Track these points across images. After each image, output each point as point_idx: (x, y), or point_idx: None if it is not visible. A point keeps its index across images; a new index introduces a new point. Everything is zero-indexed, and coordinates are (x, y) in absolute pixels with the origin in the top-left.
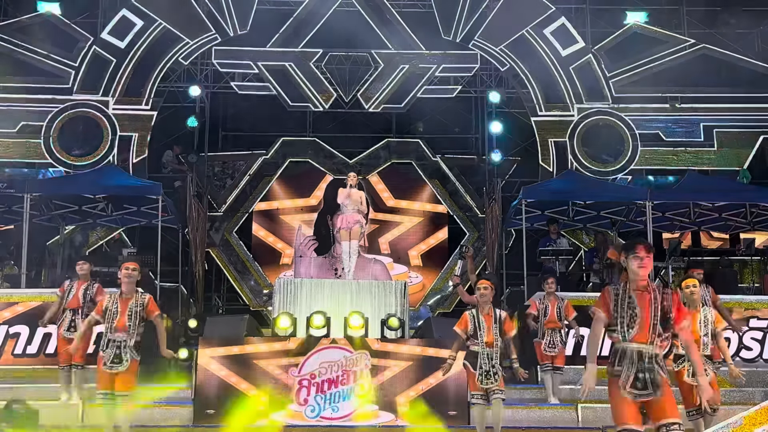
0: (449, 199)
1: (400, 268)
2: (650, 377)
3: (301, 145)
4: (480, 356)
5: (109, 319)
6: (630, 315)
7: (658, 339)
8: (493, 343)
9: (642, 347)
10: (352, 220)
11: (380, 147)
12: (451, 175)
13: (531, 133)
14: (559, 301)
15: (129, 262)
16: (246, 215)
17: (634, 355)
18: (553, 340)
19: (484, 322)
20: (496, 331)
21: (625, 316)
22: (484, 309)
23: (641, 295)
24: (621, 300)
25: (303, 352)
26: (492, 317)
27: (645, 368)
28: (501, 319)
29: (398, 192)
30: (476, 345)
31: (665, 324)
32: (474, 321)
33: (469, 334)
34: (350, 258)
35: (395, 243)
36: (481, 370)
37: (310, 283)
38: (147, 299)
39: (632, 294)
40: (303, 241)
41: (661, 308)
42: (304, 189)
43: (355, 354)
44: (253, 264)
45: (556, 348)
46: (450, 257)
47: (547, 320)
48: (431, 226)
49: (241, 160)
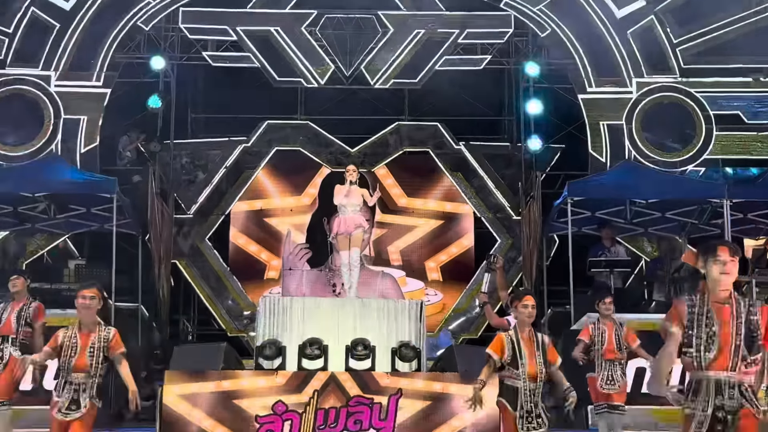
0: (476, 198)
1: (414, 283)
2: (731, 416)
3: (290, 131)
4: (521, 393)
5: (66, 357)
6: (707, 334)
7: (742, 364)
8: (537, 374)
9: (721, 376)
10: (353, 224)
11: (389, 132)
12: (478, 167)
13: (578, 114)
14: (618, 325)
15: (87, 290)
16: (222, 218)
17: (711, 387)
18: (612, 374)
19: (525, 349)
20: (540, 359)
21: (702, 336)
22: (523, 332)
23: (721, 309)
24: (698, 315)
25: (294, 389)
26: (534, 342)
27: (725, 405)
28: (544, 344)
29: (412, 188)
30: (515, 378)
31: (751, 344)
32: (512, 346)
33: (506, 363)
34: (352, 271)
35: (408, 252)
36: (521, 411)
37: (303, 303)
38: (112, 334)
39: (711, 308)
40: (293, 250)
41: (746, 324)
42: (294, 185)
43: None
44: (231, 279)
45: (617, 384)
46: (477, 270)
47: (605, 349)
48: (453, 231)
49: (215, 148)
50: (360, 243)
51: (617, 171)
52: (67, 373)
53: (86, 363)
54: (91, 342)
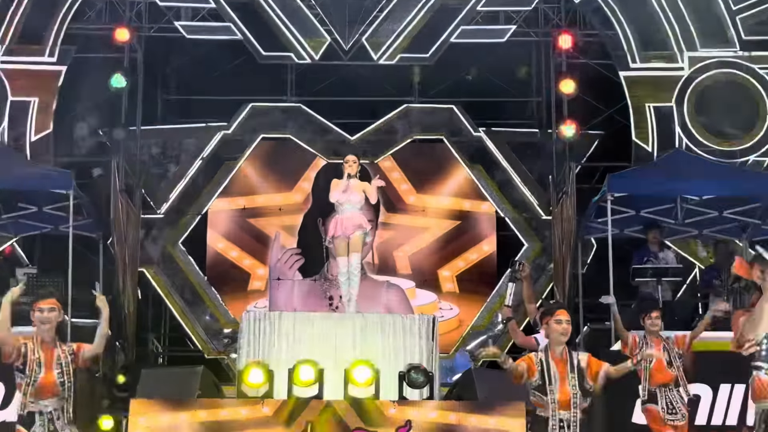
0: (498, 194)
1: (425, 295)
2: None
3: (278, 115)
4: (551, 424)
5: (32, 375)
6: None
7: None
8: (570, 402)
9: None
10: (353, 225)
11: (396, 117)
12: (500, 157)
13: (620, 94)
14: (668, 344)
15: (44, 301)
16: (198, 218)
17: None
18: (672, 401)
19: (557, 371)
20: (575, 383)
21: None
22: (556, 351)
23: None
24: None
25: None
26: (568, 364)
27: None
28: (581, 367)
29: (422, 183)
30: (544, 405)
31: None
32: (542, 368)
33: (533, 387)
34: (351, 281)
35: (419, 259)
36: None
37: (294, 319)
38: (74, 346)
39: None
40: (282, 256)
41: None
42: (283, 179)
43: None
44: (209, 290)
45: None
46: (499, 279)
47: (653, 369)
48: (471, 234)
49: (190, 136)
50: (361, 248)
51: (666, 162)
52: (34, 399)
53: (55, 383)
54: (56, 358)
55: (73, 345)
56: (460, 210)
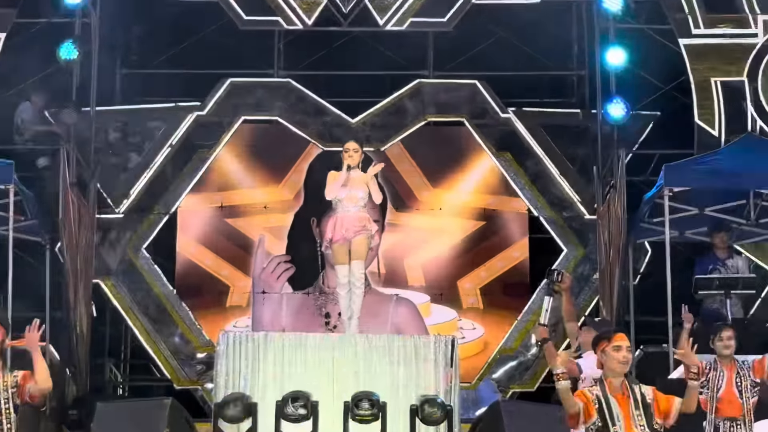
0: (531, 188)
1: (443, 312)
2: None
3: (263, 93)
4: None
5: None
6: None
7: None
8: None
9: None
10: (354, 227)
11: (406, 94)
12: (534, 143)
13: (680, 67)
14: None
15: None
16: (166, 219)
17: None
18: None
19: (619, 410)
20: (643, 422)
21: None
22: (614, 384)
23: None
24: None
25: None
26: (631, 399)
27: None
28: (646, 402)
29: (439, 175)
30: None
31: None
32: (600, 406)
33: (594, 430)
34: (353, 295)
35: (434, 267)
36: None
37: (282, 341)
38: (20, 376)
39: None
40: (268, 264)
41: None
42: (269, 171)
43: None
44: (179, 306)
45: None
46: (533, 293)
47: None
48: (499, 238)
49: (156, 118)
50: (365, 254)
51: (736, 149)
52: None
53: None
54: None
55: (19, 374)
56: (484, 208)
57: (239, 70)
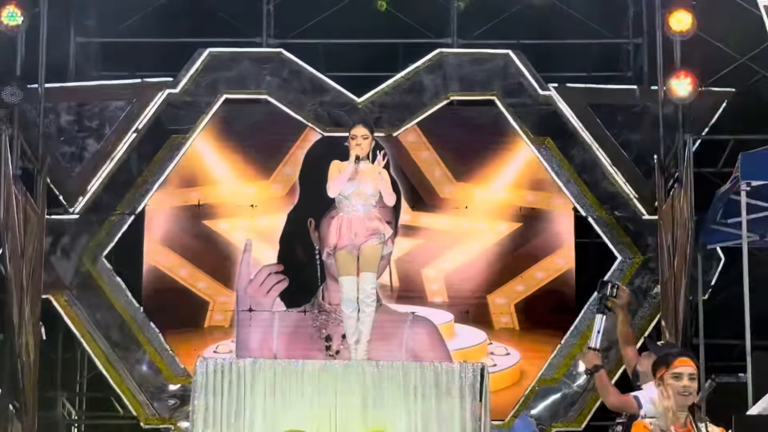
0: (577, 182)
1: (470, 334)
2: None
3: (249, 66)
4: None
5: None
6: None
7: None
8: None
9: None
10: (362, 230)
11: (424, 68)
12: (580, 127)
13: (759, 34)
14: None
15: None
16: (131, 220)
17: None
18: None
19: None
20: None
21: None
22: (677, 421)
23: None
24: None
25: None
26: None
27: None
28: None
29: (464, 166)
30: None
31: None
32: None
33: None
34: (362, 313)
35: (459, 279)
36: None
37: (274, 370)
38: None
39: None
40: (257, 276)
41: None
42: (257, 162)
43: None
44: (147, 328)
45: None
46: (581, 310)
47: None
48: (538, 243)
49: (118, 97)
50: (376, 264)
51: None
52: None
53: None
54: None
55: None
56: (520, 206)
57: (219, 38)
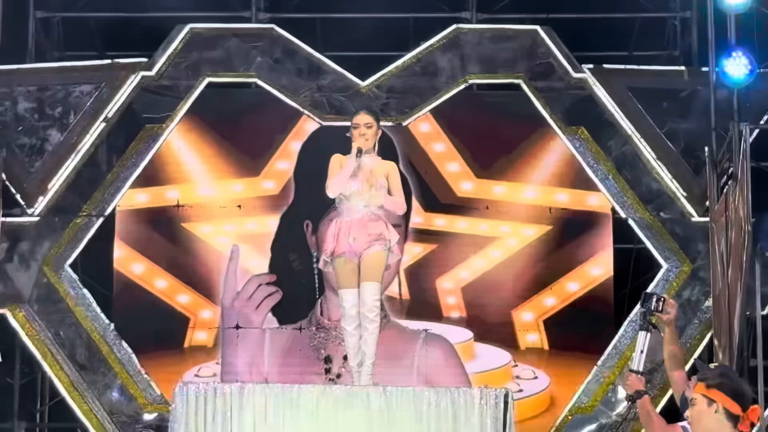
0: (616, 178)
1: (492, 355)
2: None
3: (237, 44)
4: None
5: None
6: None
7: None
8: None
9: None
10: (366, 234)
11: (438, 46)
12: (619, 115)
13: None
14: None
15: None
16: (99, 223)
17: None
18: None
19: None
20: None
21: None
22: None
23: None
24: None
25: None
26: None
27: None
28: None
29: (485, 160)
30: None
31: None
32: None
33: None
34: (365, 330)
35: (479, 291)
36: None
37: (265, 396)
38: None
39: None
40: (246, 287)
41: None
42: (244, 156)
43: None
44: (119, 347)
45: None
46: (620, 326)
47: None
48: (571, 248)
49: (84, 81)
50: (381, 273)
51: None
52: None
53: None
54: None
55: None
56: (550, 207)
57: (201, 12)
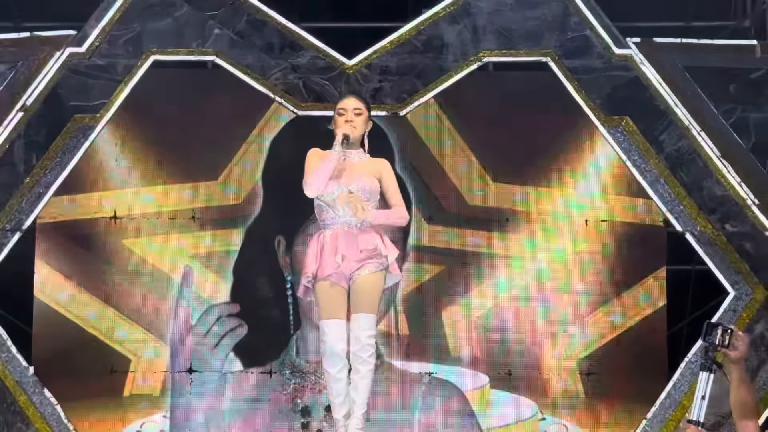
0: (670, 182)
1: (512, 404)
2: None
3: (190, 13)
4: None
5: None
6: None
7: None
8: None
9: None
10: (355, 252)
11: (445, 15)
12: (674, 101)
13: None
14: None
15: None
16: (15, 239)
17: None
18: None
19: None
20: None
21: None
22: None
23: None
24: None
25: None
26: None
27: None
28: None
29: (503, 159)
30: None
31: None
32: None
33: None
34: (354, 373)
35: (496, 324)
36: None
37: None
38: None
39: None
40: (202, 321)
41: None
42: (200, 154)
43: None
44: (39, 396)
45: None
46: (676, 368)
47: None
48: (612, 271)
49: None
50: (374, 301)
51: None
52: None
53: None
54: None
55: None
56: (585, 218)
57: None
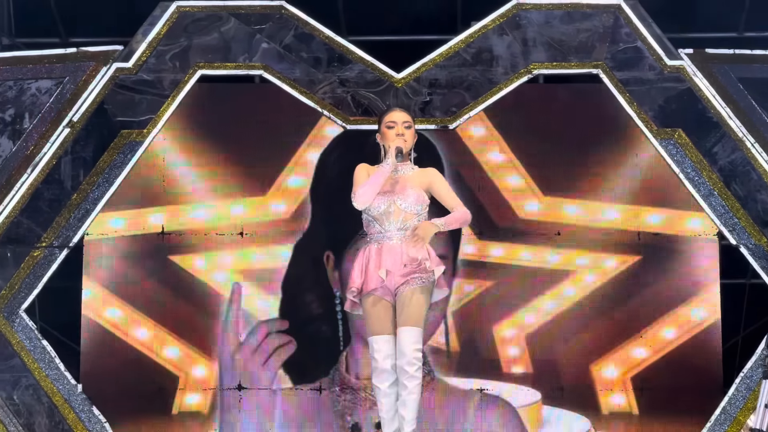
0: (724, 194)
1: (565, 420)
2: None
3: (236, 27)
4: None
5: None
6: None
7: None
8: None
9: None
10: (400, 266)
11: (494, 27)
12: (727, 112)
13: None
14: None
15: None
16: (63, 256)
17: None
18: None
19: None
20: None
21: None
22: None
23: None
24: None
25: None
26: None
27: None
28: None
29: (554, 174)
30: None
31: None
32: None
33: None
34: (402, 389)
35: (548, 340)
36: None
37: None
38: None
39: None
40: (250, 338)
41: None
42: (248, 169)
43: None
44: (88, 414)
45: None
46: (732, 383)
47: None
48: (666, 285)
49: (44, 74)
50: (420, 315)
51: None
52: None
53: None
54: None
55: None
56: (638, 231)
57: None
